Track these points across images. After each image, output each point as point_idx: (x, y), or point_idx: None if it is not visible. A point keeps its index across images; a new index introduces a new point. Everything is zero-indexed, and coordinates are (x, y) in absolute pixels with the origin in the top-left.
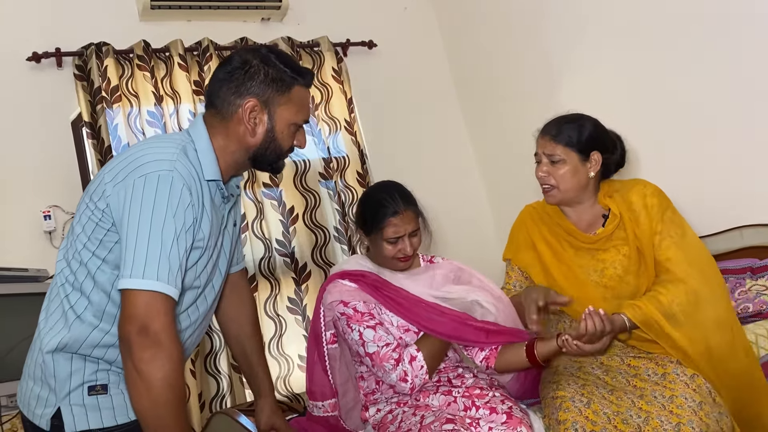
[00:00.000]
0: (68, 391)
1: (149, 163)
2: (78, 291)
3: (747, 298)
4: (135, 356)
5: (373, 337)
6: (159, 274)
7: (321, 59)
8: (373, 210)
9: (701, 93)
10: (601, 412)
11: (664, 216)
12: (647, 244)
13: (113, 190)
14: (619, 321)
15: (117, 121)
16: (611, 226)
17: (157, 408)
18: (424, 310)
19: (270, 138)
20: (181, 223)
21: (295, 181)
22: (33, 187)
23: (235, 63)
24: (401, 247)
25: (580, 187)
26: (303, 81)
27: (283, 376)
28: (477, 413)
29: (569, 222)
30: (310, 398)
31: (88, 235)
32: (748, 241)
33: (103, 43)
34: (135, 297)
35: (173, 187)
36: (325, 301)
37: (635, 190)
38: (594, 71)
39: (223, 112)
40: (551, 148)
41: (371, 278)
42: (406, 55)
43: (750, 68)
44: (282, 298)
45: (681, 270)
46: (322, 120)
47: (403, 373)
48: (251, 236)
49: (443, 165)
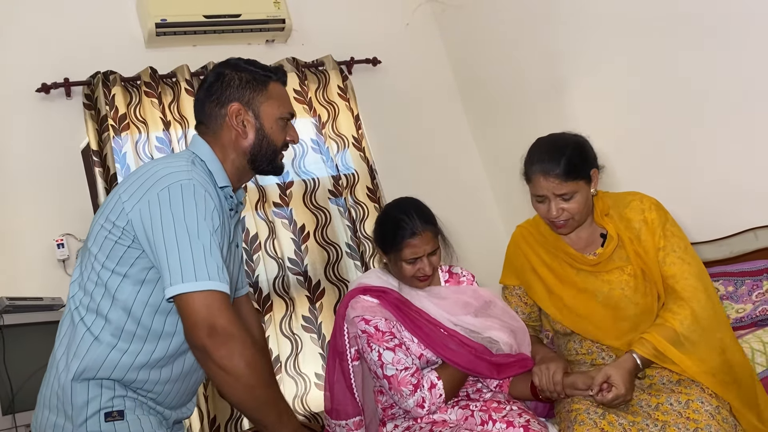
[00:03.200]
0: (85, 419)
1: (168, 176)
2: (94, 312)
3: (765, 300)
4: (214, 356)
5: (392, 360)
6: (210, 274)
7: (326, 78)
8: (392, 231)
9: (710, 94)
10: (616, 423)
11: (665, 230)
12: (652, 260)
13: (134, 207)
14: (631, 362)
15: (126, 149)
16: (609, 248)
17: (253, 391)
18: (442, 337)
19: (261, 135)
20: (212, 224)
21: (305, 199)
22: (46, 216)
23: (210, 79)
24: (420, 267)
25: (589, 210)
26: (276, 77)
27: (300, 395)
28: (494, 427)
29: (566, 244)
30: (333, 418)
31: (107, 254)
32: (762, 243)
33: (110, 72)
34: (193, 300)
35: (197, 193)
36: (348, 317)
37: (632, 207)
38: (598, 78)
39: (213, 127)
40: (561, 188)
41: (393, 296)
42: (410, 70)
43: (761, 66)
44: (297, 316)
45: (687, 286)
46: (330, 138)
47: (421, 399)
48: (264, 256)
49: (453, 177)
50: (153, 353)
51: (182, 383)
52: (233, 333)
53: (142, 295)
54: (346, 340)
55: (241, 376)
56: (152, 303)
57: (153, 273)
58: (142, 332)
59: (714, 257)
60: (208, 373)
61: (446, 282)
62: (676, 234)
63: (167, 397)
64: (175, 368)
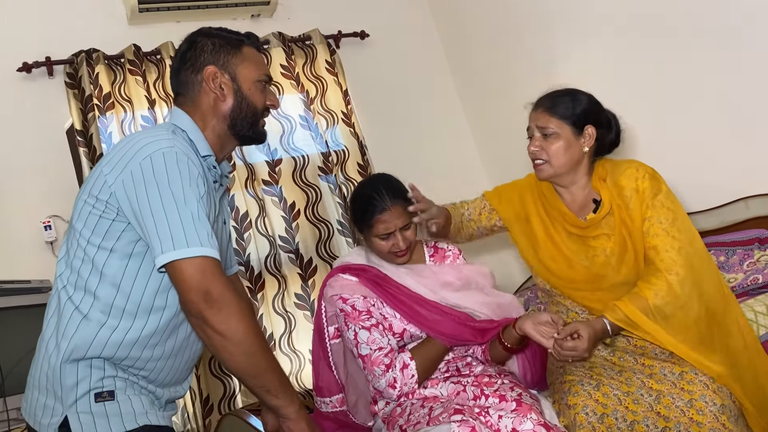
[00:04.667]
0: (75, 399)
1: (148, 145)
2: (82, 290)
3: (756, 269)
4: (211, 321)
5: (367, 339)
6: (201, 240)
7: (314, 52)
8: (362, 208)
9: (702, 65)
10: (611, 394)
11: (655, 200)
12: (637, 230)
13: (117, 179)
14: (600, 324)
15: (111, 128)
16: (600, 214)
17: (252, 357)
18: (426, 309)
19: (240, 97)
20: (197, 191)
21: (295, 176)
22: (32, 198)
23: (183, 48)
24: (394, 242)
25: (573, 162)
26: (249, 41)
27: (294, 372)
28: (486, 402)
29: (563, 204)
30: (317, 394)
31: (92, 229)
32: (753, 212)
33: (93, 50)
34: (187, 267)
35: (179, 160)
36: (326, 296)
37: (626, 174)
38: (593, 50)
39: (191, 95)
40: (544, 120)
41: (372, 273)
42: (399, 44)
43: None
44: (289, 294)
45: (667, 258)
46: (318, 114)
47: (392, 379)
48: (255, 234)
49: (443, 152)
50: (143, 329)
51: (175, 359)
52: (229, 298)
53: (131, 268)
54: (324, 319)
55: (242, 341)
56: (141, 276)
57: (140, 246)
58: (131, 307)
59: (706, 227)
60: (206, 341)
61: (431, 257)
62: (667, 206)
63: (160, 374)
64: (168, 344)
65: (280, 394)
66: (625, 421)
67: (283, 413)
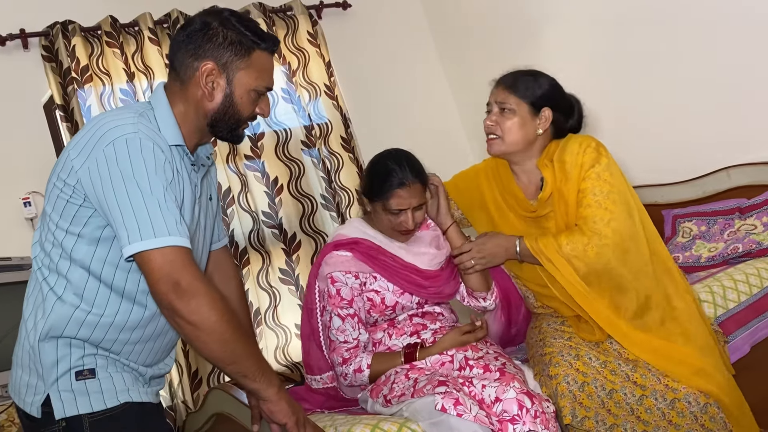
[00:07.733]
0: (56, 378)
1: (111, 130)
2: (55, 273)
3: (737, 239)
4: (182, 312)
5: (338, 327)
6: (168, 229)
7: (295, 24)
8: (381, 179)
9: (684, 31)
10: (590, 364)
11: (590, 171)
12: (573, 202)
13: (83, 165)
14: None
15: (90, 102)
16: (545, 193)
17: (226, 344)
18: (421, 276)
19: (228, 103)
20: (164, 178)
21: (277, 151)
22: (10, 174)
23: (195, 25)
24: (403, 220)
25: (526, 142)
26: (264, 46)
27: (281, 346)
28: (471, 372)
29: (518, 187)
30: (308, 372)
31: (60, 213)
32: (735, 182)
33: (68, 21)
34: (155, 257)
35: (143, 146)
36: (322, 273)
37: (569, 149)
38: (572, 19)
39: (183, 77)
40: (504, 96)
41: (365, 245)
42: (382, 14)
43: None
44: (273, 269)
45: (593, 229)
46: (301, 86)
47: (344, 373)
48: (238, 209)
49: (428, 124)
50: (117, 314)
51: (154, 342)
52: (199, 287)
53: (99, 253)
54: (316, 297)
55: (214, 330)
56: (110, 261)
57: (108, 231)
58: (104, 290)
59: (688, 197)
60: (178, 330)
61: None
62: (604, 178)
63: (139, 356)
64: (148, 329)
65: (258, 378)
66: (605, 389)
67: (263, 396)
